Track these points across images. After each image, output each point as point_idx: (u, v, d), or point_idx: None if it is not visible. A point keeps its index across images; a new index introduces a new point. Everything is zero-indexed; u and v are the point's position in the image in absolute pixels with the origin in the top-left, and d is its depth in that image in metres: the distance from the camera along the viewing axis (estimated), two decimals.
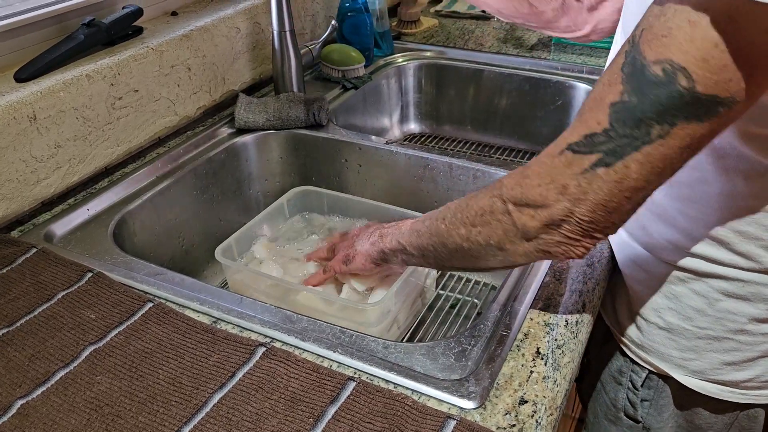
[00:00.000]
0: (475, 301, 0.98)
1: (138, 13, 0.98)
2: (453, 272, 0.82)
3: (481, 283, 1.02)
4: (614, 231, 0.53)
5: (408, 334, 0.90)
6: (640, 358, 0.76)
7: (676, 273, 0.69)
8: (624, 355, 0.78)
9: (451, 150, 1.34)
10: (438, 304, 0.98)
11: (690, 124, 0.46)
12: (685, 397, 0.74)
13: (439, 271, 0.97)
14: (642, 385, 0.76)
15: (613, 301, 0.78)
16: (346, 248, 0.80)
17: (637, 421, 0.79)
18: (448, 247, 0.63)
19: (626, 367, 0.78)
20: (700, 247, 0.65)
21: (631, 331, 0.76)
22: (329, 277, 0.82)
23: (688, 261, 0.67)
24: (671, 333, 0.71)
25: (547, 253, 0.55)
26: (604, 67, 1.27)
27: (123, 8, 0.97)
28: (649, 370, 0.75)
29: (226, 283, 1.03)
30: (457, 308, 0.97)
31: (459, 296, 0.99)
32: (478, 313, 0.96)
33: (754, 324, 0.66)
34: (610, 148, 0.48)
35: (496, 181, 0.58)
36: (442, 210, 0.64)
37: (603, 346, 0.82)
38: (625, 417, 0.80)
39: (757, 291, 0.64)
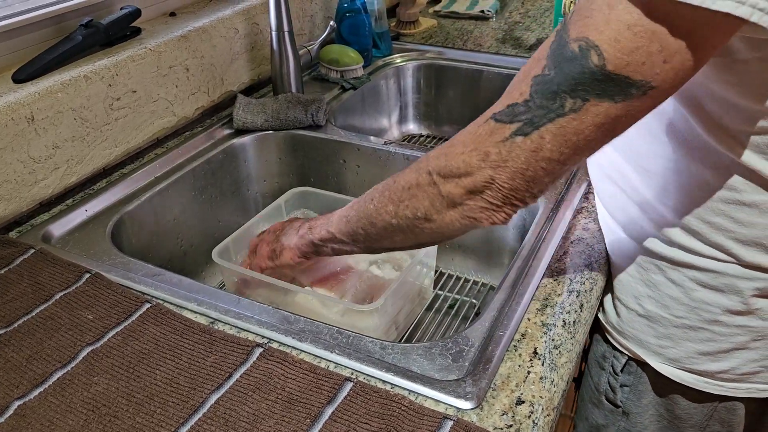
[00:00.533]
0: (474, 301, 0.98)
1: (136, 13, 0.98)
2: (383, 252, 0.82)
3: (480, 283, 1.02)
4: (534, 201, 0.56)
5: (406, 335, 0.90)
6: (620, 344, 0.77)
7: (654, 261, 0.70)
8: (606, 340, 0.79)
9: None
10: (436, 305, 0.98)
11: (602, 102, 0.48)
12: (664, 385, 0.74)
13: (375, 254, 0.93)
14: (622, 371, 0.78)
15: (601, 289, 0.79)
16: (270, 243, 0.80)
17: (617, 406, 0.80)
18: (377, 227, 0.64)
19: (608, 352, 0.79)
20: (676, 237, 0.66)
21: (613, 316, 0.77)
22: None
23: (666, 250, 0.68)
24: (649, 320, 0.72)
25: (472, 219, 0.57)
26: None
27: (121, 9, 0.97)
28: (628, 356, 0.76)
29: (224, 284, 1.03)
30: (455, 308, 0.97)
31: (457, 296, 0.99)
32: (477, 314, 0.96)
33: (727, 315, 0.66)
34: (528, 118, 0.50)
35: (423, 156, 0.60)
36: (370, 191, 0.65)
37: (591, 331, 0.83)
38: (606, 401, 0.81)
39: (730, 283, 0.65)
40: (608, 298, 0.78)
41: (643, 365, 0.75)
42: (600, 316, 0.79)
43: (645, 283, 0.71)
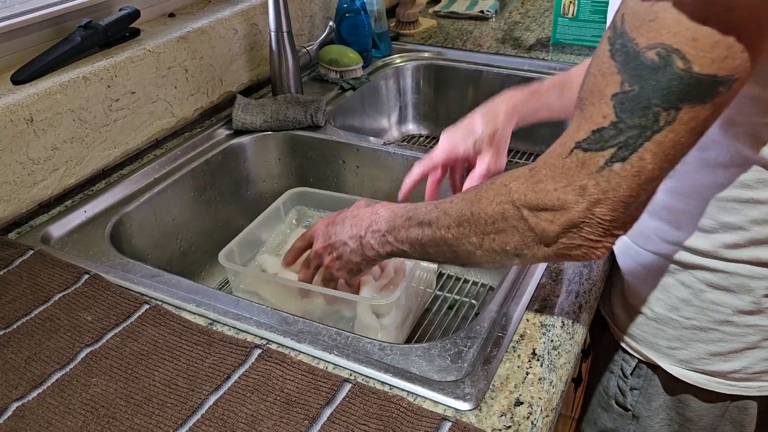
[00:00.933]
0: (473, 302, 0.98)
1: (135, 14, 0.98)
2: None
3: (479, 284, 1.02)
4: (632, 225, 0.53)
5: (407, 337, 0.91)
6: (630, 347, 0.76)
7: (664, 264, 0.69)
8: (616, 343, 0.79)
9: None
10: (436, 306, 0.98)
11: (694, 107, 0.46)
12: (674, 387, 0.74)
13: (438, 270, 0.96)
14: (632, 374, 0.77)
15: (609, 290, 0.79)
16: (336, 246, 0.74)
17: (626, 409, 0.79)
18: (459, 255, 0.61)
19: (618, 355, 0.79)
20: (686, 239, 0.66)
21: (623, 319, 0.76)
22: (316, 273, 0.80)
23: (675, 252, 0.68)
24: (659, 323, 0.72)
25: (567, 256, 0.55)
26: None
27: (120, 10, 0.98)
28: (638, 358, 0.76)
29: (224, 285, 1.03)
30: (455, 309, 0.97)
31: (457, 297, 0.99)
32: (476, 314, 0.96)
33: (738, 316, 0.66)
34: (622, 141, 0.48)
35: (497, 185, 0.57)
36: (439, 216, 0.62)
37: (600, 335, 0.83)
38: (615, 405, 0.81)
39: (741, 282, 0.64)
40: (617, 302, 0.77)
41: (654, 368, 0.75)
42: (609, 319, 0.79)
43: (654, 286, 0.71)
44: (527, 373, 0.60)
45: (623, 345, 0.77)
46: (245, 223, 0.93)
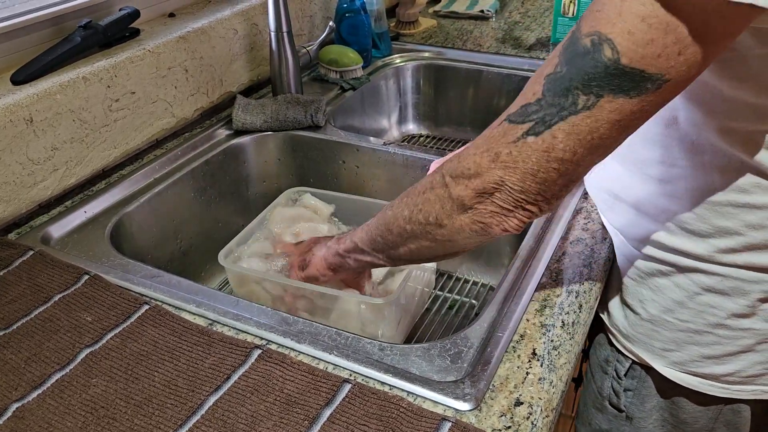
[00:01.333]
0: (473, 301, 0.98)
1: (135, 14, 0.98)
2: (404, 264, 0.82)
3: (479, 284, 1.02)
4: (548, 207, 0.54)
5: (407, 337, 0.91)
6: (624, 348, 0.76)
7: (659, 266, 0.69)
8: (611, 344, 0.79)
9: (449, 151, 1.34)
10: (436, 306, 0.98)
11: (617, 98, 0.47)
12: (668, 389, 0.74)
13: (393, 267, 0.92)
14: (625, 375, 0.77)
15: (606, 291, 0.79)
16: (302, 253, 0.80)
17: (620, 410, 0.79)
18: (393, 233, 0.63)
19: (612, 356, 0.79)
20: (682, 242, 0.66)
21: (619, 320, 0.76)
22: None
23: (670, 256, 0.68)
24: (653, 324, 0.72)
25: (482, 224, 0.55)
26: None
27: (120, 10, 0.97)
28: (632, 360, 0.76)
29: (224, 286, 1.03)
30: (455, 309, 0.97)
31: (457, 297, 0.99)
32: (476, 314, 0.96)
33: (733, 319, 0.66)
34: (540, 117, 0.49)
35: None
36: (394, 200, 0.65)
37: (595, 335, 0.83)
38: (609, 406, 0.81)
39: (736, 286, 0.64)
40: (614, 302, 0.77)
41: (647, 369, 0.75)
42: (605, 319, 0.79)
43: (650, 288, 0.71)
44: (527, 374, 0.60)
45: (617, 345, 0.77)
46: (245, 223, 0.93)
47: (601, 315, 0.80)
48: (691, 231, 0.65)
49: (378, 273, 0.88)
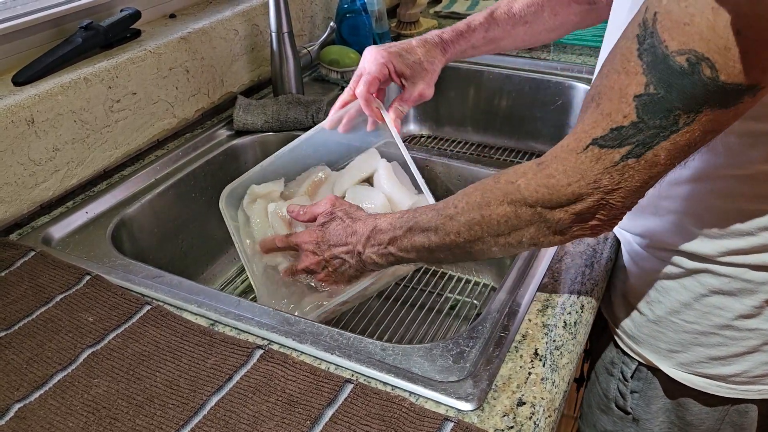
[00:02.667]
0: (475, 302, 0.98)
1: (136, 15, 0.98)
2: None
3: (481, 284, 1.02)
4: (638, 201, 0.56)
5: (407, 336, 0.90)
6: (631, 350, 0.76)
7: (666, 268, 0.69)
8: (617, 346, 0.79)
9: (450, 151, 1.34)
10: (437, 306, 0.97)
11: (714, 111, 0.47)
12: (674, 390, 0.74)
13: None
14: (632, 376, 0.77)
15: (611, 293, 0.79)
16: (331, 261, 0.73)
17: (627, 413, 0.79)
18: (473, 254, 0.63)
19: (618, 358, 0.79)
20: (691, 244, 0.66)
21: (625, 322, 0.76)
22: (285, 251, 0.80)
23: (679, 256, 0.68)
24: (660, 326, 0.72)
25: (580, 237, 0.58)
26: None
27: (121, 11, 0.98)
28: (638, 361, 0.76)
29: (225, 286, 1.03)
30: (456, 309, 0.97)
31: (459, 297, 0.99)
32: (478, 315, 0.96)
33: (740, 320, 0.66)
34: (640, 140, 0.50)
35: (503, 183, 0.58)
36: (444, 222, 0.62)
37: (600, 337, 0.83)
38: (615, 408, 0.80)
39: (743, 287, 0.65)
40: (619, 304, 0.77)
41: (654, 371, 0.75)
42: (611, 321, 0.79)
43: (656, 289, 0.71)
44: (529, 374, 0.60)
45: (623, 347, 0.77)
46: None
47: (606, 317, 0.80)
48: (702, 233, 0.65)
49: None
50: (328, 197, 0.76)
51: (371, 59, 0.84)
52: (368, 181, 0.92)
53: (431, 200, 0.76)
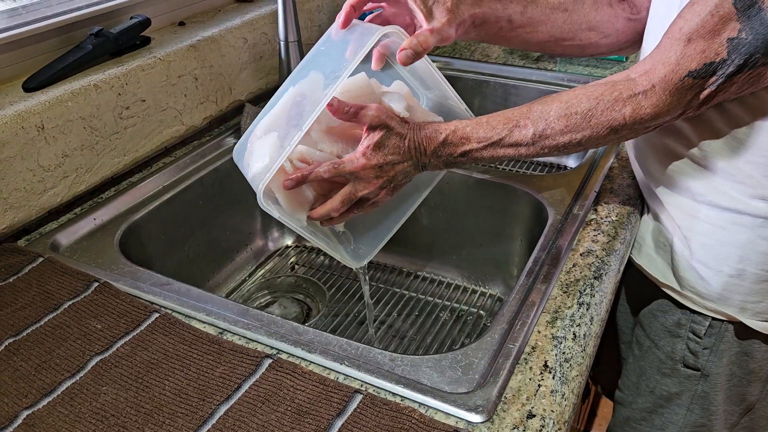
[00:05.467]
0: (481, 312, 0.98)
1: (146, 23, 0.98)
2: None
3: (487, 294, 1.01)
4: None
5: (413, 345, 0.90)
6: (704, 308, 0.80)
7: (743, 220, 0.73)
8: (681, 307, 0.82)
9: None
10: (444, 315, 0.97)
11: None
12: (744, 341, 0.79)
13: None
14: (705, 334, 0.81)
15: (671, 258, 0.82)
16: (395, 178, 0.69)
17: (697, 369, 0.83)
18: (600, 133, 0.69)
19: (685, 318, 0.82)
20: (765, 192, 0.71)
21: (696, 282, 0.79)
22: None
23: (755, 208, 0.72)
24: (739, 278, 0.76)
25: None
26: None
27: (131, 18, 0.98)
28: (711, 317, 0.79)
29: (231, 293, 1.03)
30: (463, 320, 0.97)
31: (464, 307, 0.99)
32: (485, 325, 0.96)
33: None
34: (726, 72, 0.63)
35: (608, 109, 0.67)
36: (540, 141, 0.69)
37: (647, 306, 0.87)
38: (683, 368, 0.84)
39: None
40: (683, 266, 0.80)
41: (728, 324, 0.79)
42: (675, 286, 0.82)
43: (732, 244, 0.75)
44: (539, 386, 0.60)
45: (693, 307, 0.80)
46: (252, 233, 0.93)
47: (664, 284, 0.83)
48: None
49: None
50: (373, 104, 0.68)
51: None
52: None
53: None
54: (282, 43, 1.09)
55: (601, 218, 0.84)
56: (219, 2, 1.19)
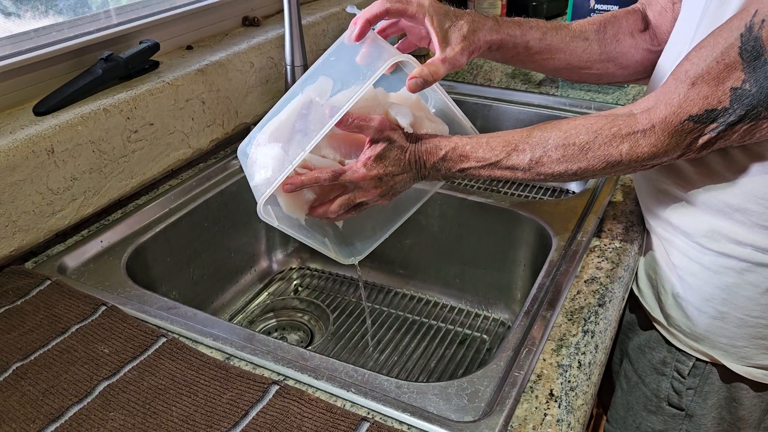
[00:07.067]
0: (485, 336, 0.98)
1: (155, 47, 0.99)
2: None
3: (491, 319, 1.02)
4: None
5: (415, 369, 0.90)
6: (688, 346, 0.79)
7: (730, 264, 0.72)
8: (668, 344, 0.81)
9: (459, 184, 1.35)
10: (447, 340, 0.98)
11: None
12: (731, 384, 0.77)
13: None
14: (688, 374, 0.80)
15: (658, 294, 0.81)
16: (393, 186, 0.71)
17: (681, 409, 0.82)
18: (583, 157, 0.69)
19: (671, 357, 0.81)
20: (757, 237, 0.70)
21: (681, 321, 0.79)
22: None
23: (745, 252, 0.71)
24: (723, 321, 0.75)
25: None
26: (612, 103, 1.28)
27: (140, 43, 0.99)
28: (696, 358, 0.78)
29: (235, 315, 1.03)
30: (467, 344, 0.97)
31: (468, 332, 0.99)
32: (488, 349, 0.96)
33: None
34: (726, 121, 0.63)
35: (605, 145, 0.67)
36: (536, 168, 0.69)
37: (635, 341, 0.86)
38: (667, 406, 0.83)
39: None
40: (672, 303, 0.79)
41: (712, 366, 0.78)
42: (663, 321, 0.81)
43: (718, 286, 0.74)
44: (545, 415, 0.60)
45: (679, 345, 0.79)
46: (257, 254, 0.93)
47: (657, 318, 0.82)
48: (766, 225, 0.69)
49: None
50: (377, 117, 0.70)
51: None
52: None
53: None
54: (288, 67, 1.10)
55: (605, 245, 0.85)
56: (226, 26, 1.21)
